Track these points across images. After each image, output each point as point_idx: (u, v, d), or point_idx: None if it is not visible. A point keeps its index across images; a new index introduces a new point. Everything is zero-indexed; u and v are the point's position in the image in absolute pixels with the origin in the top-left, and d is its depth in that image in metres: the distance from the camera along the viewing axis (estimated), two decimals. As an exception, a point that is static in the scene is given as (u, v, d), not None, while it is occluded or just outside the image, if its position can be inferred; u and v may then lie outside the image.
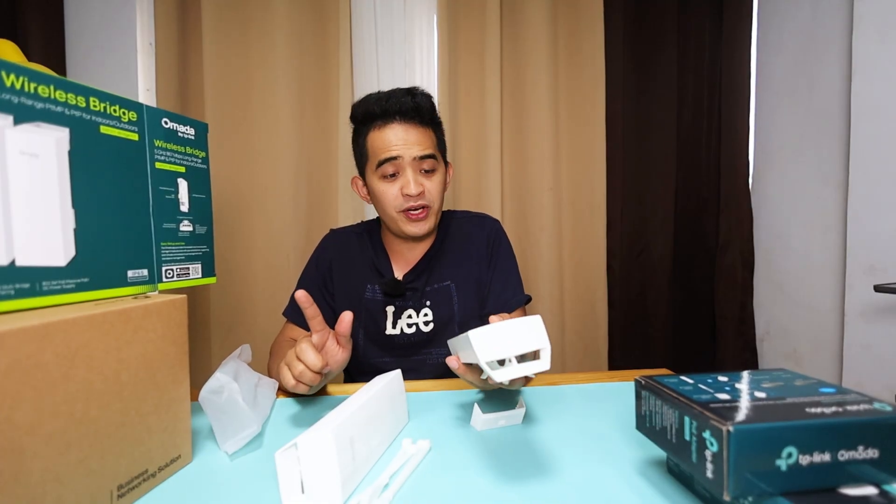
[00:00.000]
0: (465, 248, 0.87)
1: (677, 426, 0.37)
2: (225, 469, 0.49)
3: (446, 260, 0.86)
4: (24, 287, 0.40)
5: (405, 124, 0.76)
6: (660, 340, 1.58)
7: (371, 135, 0.78)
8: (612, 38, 1.47)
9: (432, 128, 0.81)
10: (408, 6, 1.47)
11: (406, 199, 0.77)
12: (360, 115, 0.80)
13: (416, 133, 0.77)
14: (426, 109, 0.78)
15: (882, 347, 1.10)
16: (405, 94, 0.77)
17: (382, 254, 0.87)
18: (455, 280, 0.85)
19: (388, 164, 0.76)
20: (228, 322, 1.36)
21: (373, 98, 0.78)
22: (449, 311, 0.84)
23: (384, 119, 0.77)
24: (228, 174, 1.33)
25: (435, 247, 0.87)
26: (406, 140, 0.76)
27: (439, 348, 0.85)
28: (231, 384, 0.53)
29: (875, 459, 0.32)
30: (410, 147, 0.76)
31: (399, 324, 0.84)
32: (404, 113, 0.76)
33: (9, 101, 0.39)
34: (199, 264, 0.60)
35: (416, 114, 0.77)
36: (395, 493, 0.43)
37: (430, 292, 0.84)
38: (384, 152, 0.76)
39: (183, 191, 0.57)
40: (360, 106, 0.80)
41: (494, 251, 0.88)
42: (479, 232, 0.89)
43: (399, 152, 0.75)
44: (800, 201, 1.39)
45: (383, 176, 0.77)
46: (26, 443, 0.34)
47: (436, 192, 0.79)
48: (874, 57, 1.10)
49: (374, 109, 0.77)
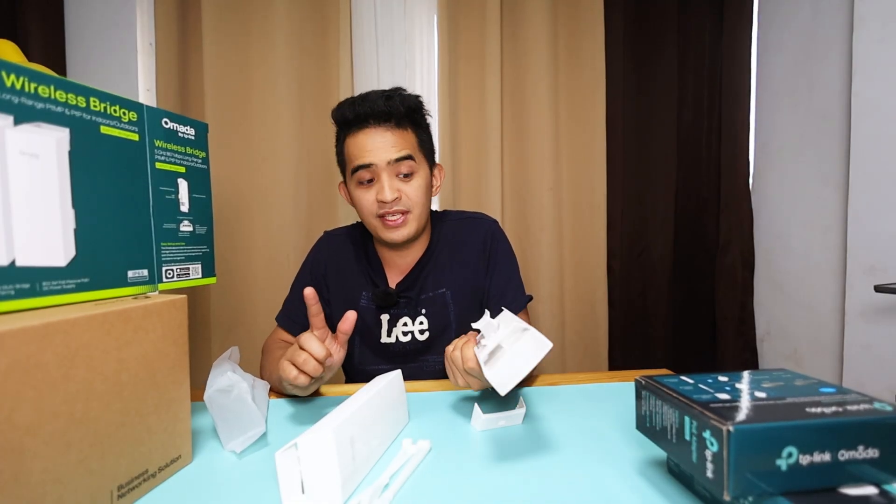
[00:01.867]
0: (459, 253, 0.84)
1: (678, 426, 0.37)
2: (225, 469, 0.49)
3: (441, 266, 0.84)
4: (25, 287, 0.40)
5: (379, 128, 0.74)
6: (660, 340, 1.58)
7: (347, 140, 0.76)
8: (612, 39, 1.47)
9: (412, 129, 0.77)
10: (408, 6, 1.47)
11: (381, 206, 0.74)
12: (337, 121, 0.78)
13: (391, 136, 0.74)
14: (401, 111, 0.75)
15: (882, 348, 1.10)
16: (380, 96, 0.74)
17: (376, 262, 0.85)
18: (450, 287, 0.83)
19: (363, 171, 0.74)
20: (228, 322, 1.36)
21: (347, 102, 0.76)
22: (445, 320, 0.82)
23: (358, 124, 0.74)
24: (228, 174, 1.33)
25: (428, 253, 0.84)
26: (381, 144, 0.73)
27: (436, 356, 0.83)
28: (241, 383, 0.53)
29: (875, 459, 0.32)
30: (385, 150, 0.73)
31: (394, 332, 0.83)
32: (377, 116, 0.73)
33: (9, 101, 0.39)
34: (199, 264, 0.60)
35: (391, 116, 0.74)
36: (395, 493, 0.43)
37: (425, 300, 0.82)
38: (358, 158, 0.74)
39: (183, 191, 0.57)
40: (337, 111, 0.78)
41: (492, 254, 0.85)
42: (474, 236, 0.85)
43: (372, 158, 0.73)
44: (800, 201, 1.38)
45: (359, 182, 0.75)
46: (26, 443, 0.34)
47: (415, 196, 0.76)
48: (874, 57, 1.10)
49: (347, 115, 0.75)
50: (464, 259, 0.84)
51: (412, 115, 0.77)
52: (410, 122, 0.77)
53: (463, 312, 0.83)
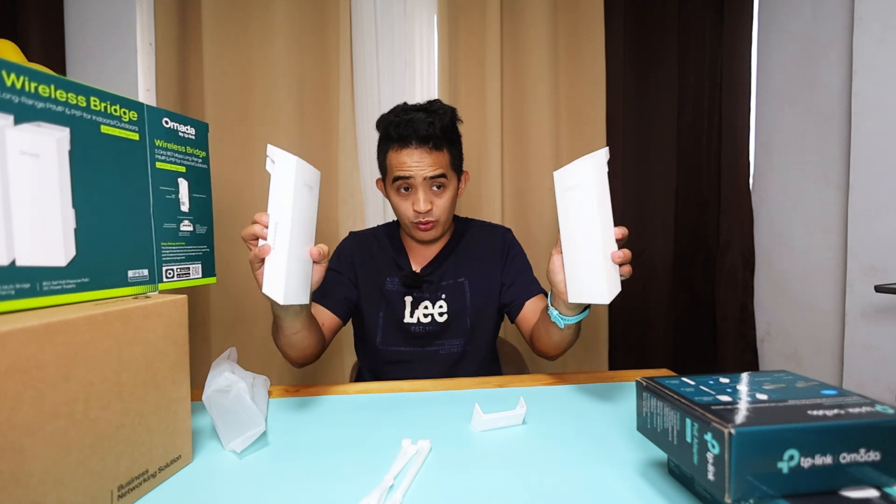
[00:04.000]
0: (479, 251, 0.95)
1: (679, 428, 0.37)
2: (225, 469, 0.49)
3: (462, 260, 0.94)
4: (25, 287, 0.40)
5: (420, 148, 0.83)
6: (660, 341, 1.58)
7: (390, 153, 0.86)
8: (612, 38, 1.47)
9: (447, 148, 0.86)
10: (408, 6, 1.47)
11: (416, 215, 0.85)
12: (381, 133, 0.88)
13: (429, 157, 0.83)
14: (441, 132, 0.83)
15: (883, 348, 1.10)
16: (422, 119, 0.82)
17: (401, 250, 0.95)
18: (468, 277, 0.93)
19: (402, 182, 0.84)
20: (228, 322, 1.36)
21: (392, 120, 0.84)
22: (462, 305, 0.92)
23: (401, 143, 0.84)
24: (229, 174, 1.33)
25: (450, 245, 0.95)
26: (420, 163, 0.83)
27: (451, 339, 0.92)
28: (239, 383, 0.53)
29: (877, 462, 0.32)
30: (423, 169, 0.83)
31: (416, 313, 0.91)
32: (420, 138, 0.82)
33: (9, 100, 0.39)
34: (199, 264, 0.60)
35: (430, 139, 0.83)
36: (404, 494, 0.43)
37: (446, 287, 0.92)
38: (398, 171, 0.84)
39: (183, 190, 0.57)
40: (381, 123, 0.87)
41: (509, 255, 0.96)
42: (493, 238, 0.97)
43: (412, 173, 0.83)
44: (800, 201, 1.38)
45: (398, 190, 0.86)
46: (26, 443, 0.34)
47: (443, 207, 0.87)
48: (875, 57, 1.10)
49: (392, 134, 0.84)
50: (482, 255, 0.95)
51: (448, 135, 0.86)
52: (446, 142, 0.86)
53: (477, 299, 0.92)
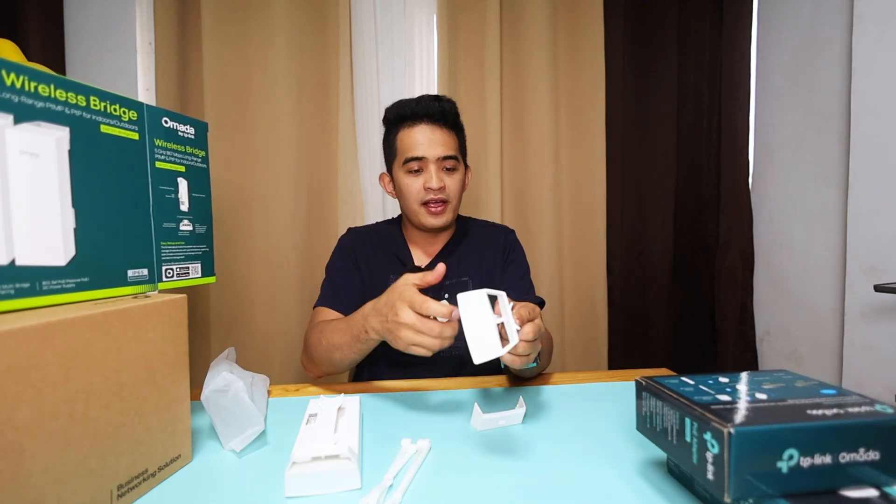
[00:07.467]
0: (483, 250, 0.95)
1: (678, 427, 0.37)
2: (225, 468, 0.49)
3: (465, 258, 0.93)
4: (24, 287, 0.40)
5: (432, 126, 0.85)
6: (660, 340, 1.58)
7: (401, 134, 0.86)
8: (612, 38, 1.47)
9: (455, 132, 0.88)
10: (408, 6, 1.47)
11: (427, 192, 0.85)
12: (392, 117, 0.89)
13: (441, 135, 0.85)
14: (451, 114, 0.86)
15: (882, 348, 1.10)
16: (433, 99, 0.86)
17: (404, 246, 0.94)
18: (472, 277, 0.92)
19: (414, 162, 0.84)
20: (228, 322, 1.36)
21: (403, 102, 0.87)
22: None
23: (413, 120, 0.85)
24: (228, 174, 1.33)
25: (454, 241, 0.94)
26: (432, 141, 0.84)
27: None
28: (237, 382, 0.53)
29: (876, 461, 0.32)
30: (435, 147, 0.84)
31: None
32: (432, 116, 0.84)
33: (9, 100, 0.39)
34: (198, 264, 0.60)
35: (442, 118, 0.85)
36: (403, 493, 0.43)
37: (449, 286, 0.91)
38: (411, 150, 0.84)
39: (183, 190, 0.57)
40: (393, 109, 0.89)
41: (509, 255, 0.95)
42: (496, 238, 0.97)
43: (424, 152, 0.84)
44: (800, 201, 1.38)
45: (409, 171, 0.86)
46: (26, 443, 0.34)
47: (455, 188, 0.87)
48: (874, 56, 1.10)
49: (405, 111, 0.86)
50: (485, 255, 0.94)
51: (457, 122, 0.89)
52: (455, 126, 0.88)
53: None
